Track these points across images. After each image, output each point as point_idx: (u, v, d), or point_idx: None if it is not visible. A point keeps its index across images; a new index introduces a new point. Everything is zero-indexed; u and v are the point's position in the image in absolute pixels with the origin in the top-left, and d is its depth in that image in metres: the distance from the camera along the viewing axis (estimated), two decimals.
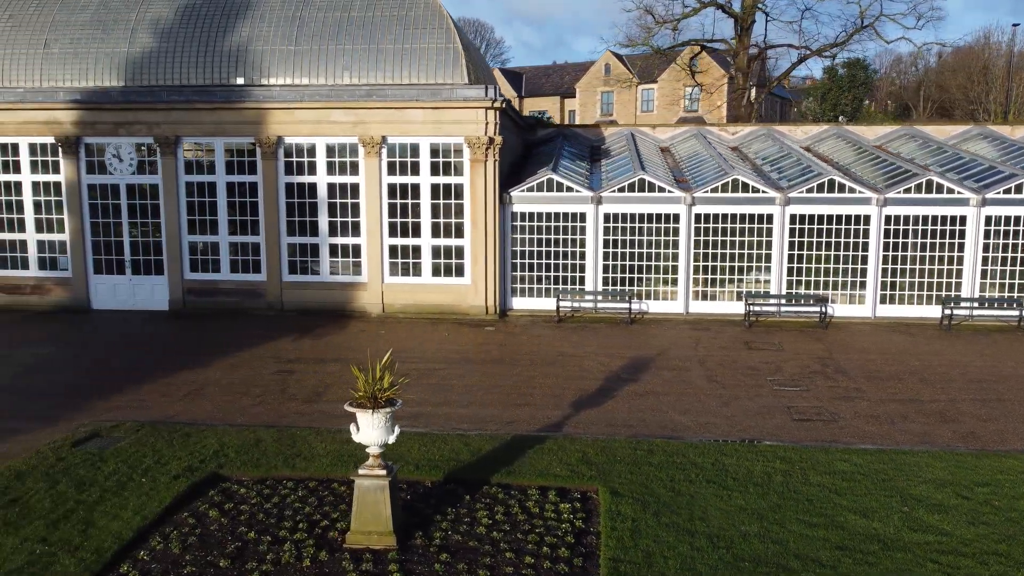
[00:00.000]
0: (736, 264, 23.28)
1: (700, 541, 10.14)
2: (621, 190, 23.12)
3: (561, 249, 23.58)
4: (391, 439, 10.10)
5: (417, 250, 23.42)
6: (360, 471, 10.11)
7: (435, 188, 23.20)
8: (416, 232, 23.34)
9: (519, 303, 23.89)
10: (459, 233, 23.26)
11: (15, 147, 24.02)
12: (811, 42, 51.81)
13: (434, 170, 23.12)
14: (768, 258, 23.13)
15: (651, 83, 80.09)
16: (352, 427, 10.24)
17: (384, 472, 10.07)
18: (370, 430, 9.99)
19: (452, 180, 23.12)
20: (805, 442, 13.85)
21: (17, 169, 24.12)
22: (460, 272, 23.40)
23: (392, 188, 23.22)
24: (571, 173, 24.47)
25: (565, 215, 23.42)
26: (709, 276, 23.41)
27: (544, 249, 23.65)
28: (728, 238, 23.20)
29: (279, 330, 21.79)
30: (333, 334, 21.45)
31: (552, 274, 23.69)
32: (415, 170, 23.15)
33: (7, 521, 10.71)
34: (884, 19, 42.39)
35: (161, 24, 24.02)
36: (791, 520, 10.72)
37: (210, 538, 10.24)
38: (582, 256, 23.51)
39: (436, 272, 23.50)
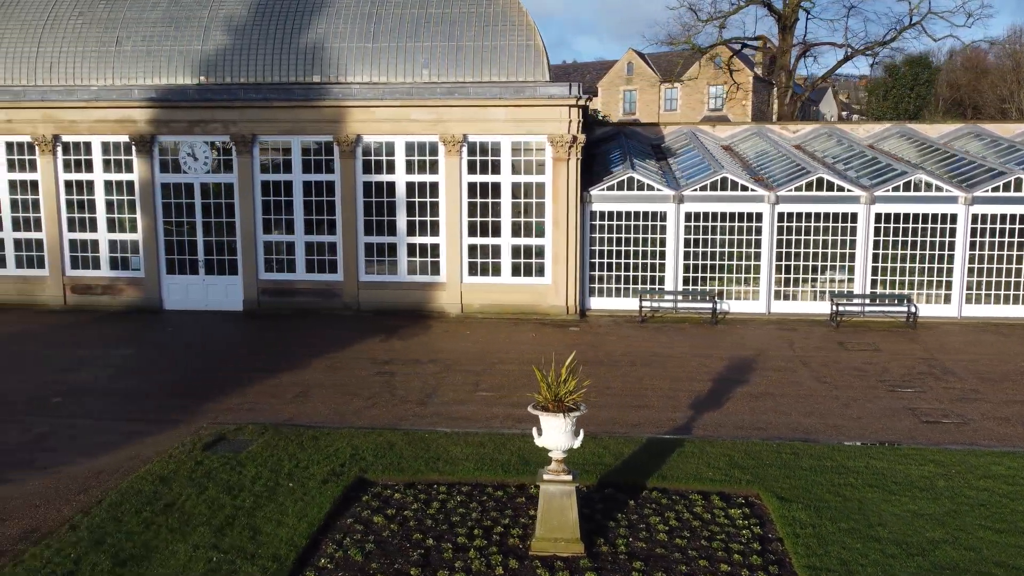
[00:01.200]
0: (819, 263, 23.00)
1: (890, 548, 9.88)
2: (703, 188, 22.85)
3: (640, 248, 23.31)
4: (576, 443, 9.84)
5: (497, 250, 23.14)
6: (545, 476, 9.84)
7: (516, 187, 22.95)
8: (496, 231, 23.07)
9: (596, 303, 23.63)
10: (540, 232, 22.99)
11: (87, 146, 23.75)
12: (852, 40, 51.50)
13: (515, 169, 22.87)
14: (852, 257, 22.86)
15: (675, 82, 79.77)
16: (534, 431, 10.00)
17: (571, 477, 9.82)
18: (556, 434, 9.73)
19: (533, 179, 22.86)
20: (945, 444, 13.59)
21: (89, 168, 23.85)
22: (540, 272, 23.13)
23: (472, 187, 22.95)
24: (649, 172, 24.19)
25: (645, 214, 23.15)
26: (791, 276, 23.14)
27: (623, 248, 23.39)
28: (811, 237, 22.94)
29: (362, 331, 21.52)
30: (418, 335, 21.17)
31: (631, 274, 23.43)
32: (495, 169, 22.88)
33: (171, 528, 10.45)
34: (932, 16, 42.07)
35: (234, 21, 23.74)
36: (974, 526, 10.45)
37: (387, 545, 9.99)
38: (662, 256, 23.25)
39: (516, 272, 23.23)
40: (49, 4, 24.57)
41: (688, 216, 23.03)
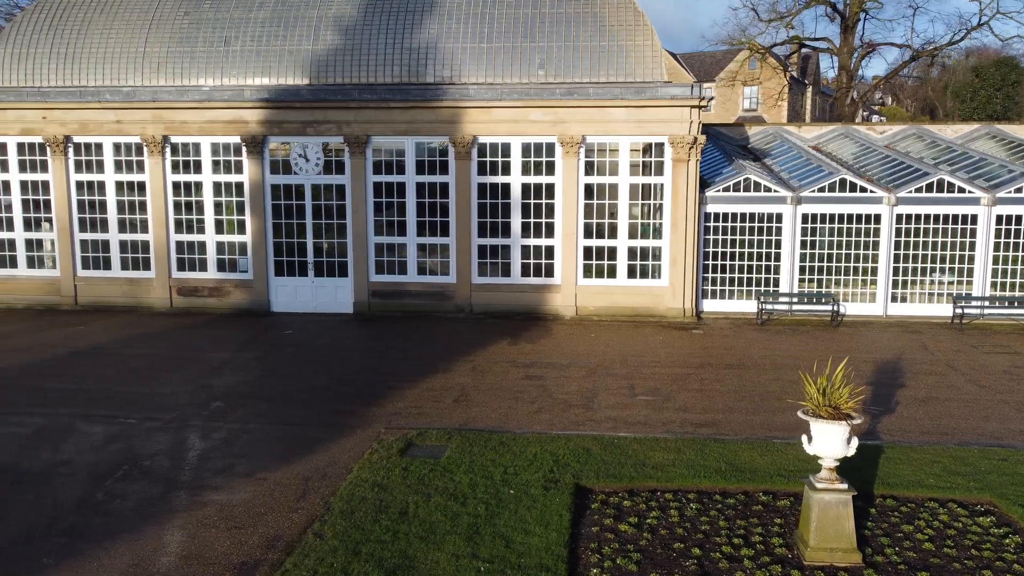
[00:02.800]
0: (936, 265, 22.79)
1: None
2: (822, 190, 22.65)
3: (755, 250, 23.10)
4: (850, 451, 9.63)
5: (612, 252, 22.95)
6: (819, 485, 9.63)
7: (634, 188, 22.76)
8: (612, 233, 22.87)
9: (708, 305, 23.43)
10: (657, 234, 22.80)
11: (196, 147, 23.58)
12: (912, 40, 51.16)
13: (633, 170, 22.66)
14: (971, 259, 22.65)
15: (709, 82, 79.55)
16: (803, 438, 9.79)
17: (846, 486, 9.61)
18: (830, 442, 9.52)
19: (652, 180, 22.66)
20: None
21: (198, 169, 23.67)
22: (656, 274, 22.93)
23: (589, 188, 22.76)
24: (762, 173, 23.97)
25: (760, 215, 22.95)
26: (908, 278, 22.93)
27: (736, 250, 23.19)
28: (928, 239, 22.73)
29: (485, 333, 21.32)
30: (544, 337, 20.96)
31: (745, 276, 23.22)
32: (613, 170, 22.69)
33: (419, 536, 10.25)
34: (1001, 16, 41.77)
35: (344, 21, 23.55)
36: None
37: (651, 555, 9.78)
38: (776, 257, 23.04)
39: (631, 274, 23.03)
40: (152, 3, 24.40)
41: (805, 217, 22.82)
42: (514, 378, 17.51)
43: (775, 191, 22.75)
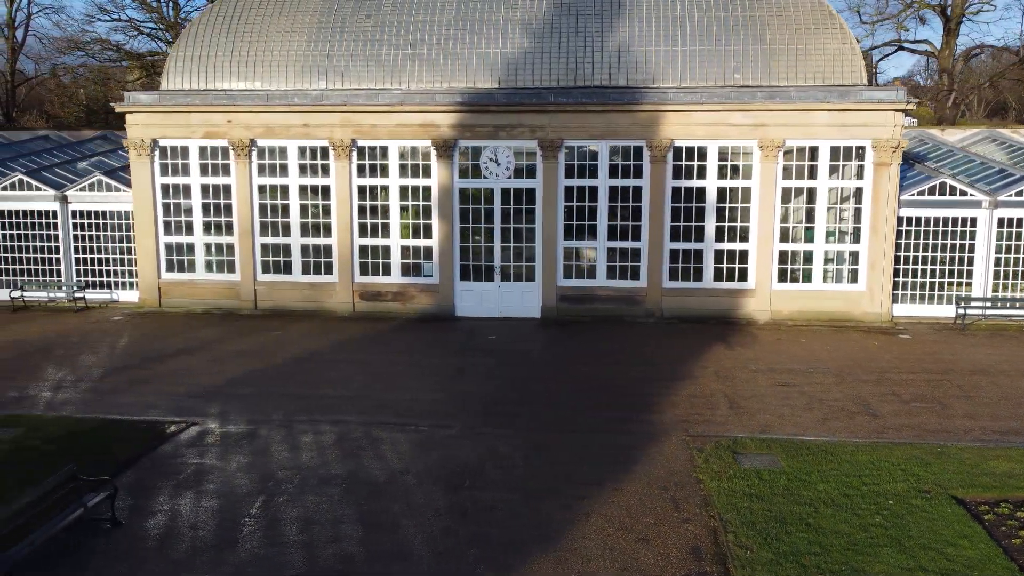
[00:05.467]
0: None
1: None
2: (1019, 194, 22.46)
3: (948, 254, 22.91)
4: None
5: (808, 256, 22.79)
6: None
7: (832, 192, 22.59)
8: (809, 237, 22.71)
9: (898, 310, 23.22)
10: (855, 238, 22.63)
11: (384, 150, 23.46)
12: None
13: (832, 173, 22.51)
14: None
15: None
16: None
17: None
18: None
19: (851, 184, 22.51)
20: None
21: (385, 173, 23.54)
22: (853, 278, 22.75)
23: (786, 192, 22.60)
24: (956, 177, 23.77)
25: (954, 219, 22.76)
26: None
27: (928, 255, 22.99)
28: None
29: (689, 339, 21.15)
30: (755, 343, 20.78)
31: (936, 280, 23.03)
32: (812, 174, 22.52)
33: (846, 547, 10.11)
34: None
35: (532, 24, 23.43)
36: None
37: None
38: (970, 262, 22.85)
39: (827, 278, 22.86)
40: (331, 6, 24.29)
41: (1000, 221, 22.64)
42: (766, 384, 17.35)
43: (971, 195, 22.57)
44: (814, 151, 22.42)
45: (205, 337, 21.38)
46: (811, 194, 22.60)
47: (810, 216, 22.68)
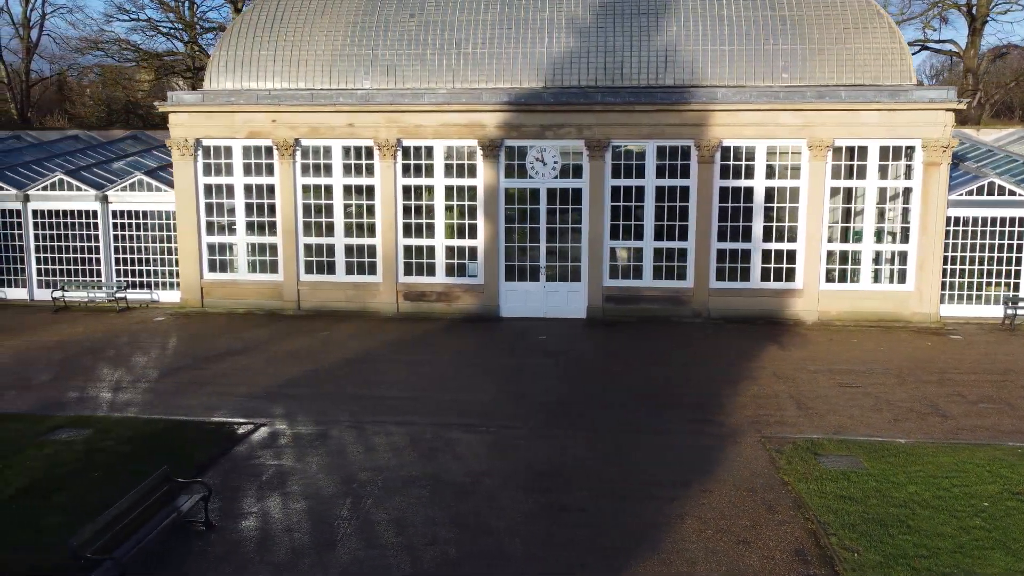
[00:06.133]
0: None
1: None
2: None
3: (996, 255, 22.82)
4: None
5: (857, 256, 22.71)
6: None
7: (881, 192, 22.50)
8: (858, 237, 22.62)
9: (945, 310, 23.10)
10: (903, 238, 22.54)
11: (429, 150, 23.38)
12: None
13: (881, 173, 22.41)
14: None
15: None
16: None
17: None
18: None
19: (900, 184, 22.43)
20: None
21: (430, 173, 23.46)
22: (901, 278, 22.66)
23: (834, 191, 22.51)
24: (1004, 177, 23.67)
25: (1000, 219, 22.66)
26: None
27: (975, 255, 22.89)
28: None
29: (740, 339, 21.06)
30: (807, 343, 20.69)
31: (983, 280, 22.93)
32: (860, 173, 22.44)
33: (952, 550, 10.03)
34: None
35: (578, 23, 23.35)
36: None
37: None
38: (1017, 262, 22.77)
39: (875, 278, 22.78)
40: (372, 6, 24.20)
41: None
42: (828, 385, 17.26)
43: (1019, 194, 22.47)
44: (863, 151, 22.32)
45: (254, 338, 21.31)
46: (859, 194, 22.51)
47: (858, 216, 22.59)
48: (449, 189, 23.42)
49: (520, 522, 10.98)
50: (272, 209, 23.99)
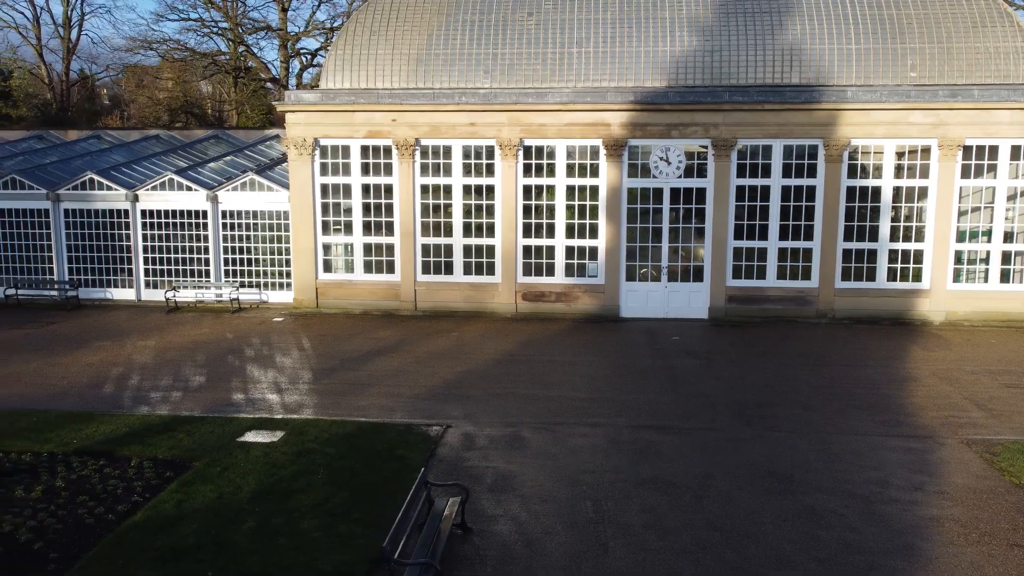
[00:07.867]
0: None
1: None
2: None
3: None
4: None
5: (986, 256, 22.58)
6: None
7: (1011, 191, 22.36)
8: (987, 236, 22.51)
9: None
10: None
11: (551, 150, 23.28)
12: None
13: (1012, 172, 22.27)
14: None
15: None
16: None
17: None
18: None
19: None
20: None
21: (551, 172, 23.36)
22: None
23: (964, 190, 22.39)
24: None
25: None
26: None
27: None
28: None
29: (875, 339, 20.94)
30: (945, 344, 20.56)
31: None
32: (991, 172, 22.32)
33: None
34: None
35: (699, 22, 23.24)
36: None
37: None
38: None
39: (1004, 278, 22.65)
40: (489, 5, 24.09)
41: None
42: (994, 386, 17.14)
43: None
44: (994, 150, 22.20)
45: (387, 338, 21.20)
46: (990, 193, 22.39)
47: (988, 215, 22.46)
48: (571, 189, 23.32)
49: (777, 524, 10.86)
50: (389, 209, 23.90)
